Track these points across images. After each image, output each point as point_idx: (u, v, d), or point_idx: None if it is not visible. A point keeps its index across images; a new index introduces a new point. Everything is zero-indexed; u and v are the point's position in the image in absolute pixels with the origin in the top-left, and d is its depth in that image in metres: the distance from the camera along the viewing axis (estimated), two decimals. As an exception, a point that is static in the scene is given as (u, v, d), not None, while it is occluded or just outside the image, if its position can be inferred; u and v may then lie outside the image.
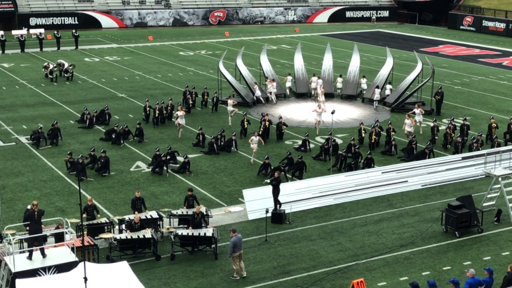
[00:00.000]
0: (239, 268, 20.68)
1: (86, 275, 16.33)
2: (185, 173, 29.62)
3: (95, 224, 22.63)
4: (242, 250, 20.86)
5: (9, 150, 32.96)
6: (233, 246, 20.46)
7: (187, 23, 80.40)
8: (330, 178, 27.77)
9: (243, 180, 29.05)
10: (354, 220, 25.19)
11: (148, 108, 37.54)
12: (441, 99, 39.65)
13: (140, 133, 34.08)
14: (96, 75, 50.78)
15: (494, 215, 25.22)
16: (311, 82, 44.31)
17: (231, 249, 20.45)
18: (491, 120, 34.59)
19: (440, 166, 29.50)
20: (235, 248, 20.47)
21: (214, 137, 32.51)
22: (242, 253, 20.78)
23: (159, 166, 29.59)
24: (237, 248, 20.50)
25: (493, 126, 34.20)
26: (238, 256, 20.60)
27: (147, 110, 37.46)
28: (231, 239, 20.60)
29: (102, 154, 29.67)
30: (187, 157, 30.10)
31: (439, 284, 18.54)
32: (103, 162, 29.44)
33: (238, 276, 20.62)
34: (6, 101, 42.55)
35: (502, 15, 76.81)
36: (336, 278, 20.66)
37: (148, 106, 37.62)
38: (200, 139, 33.33)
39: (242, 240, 21.26)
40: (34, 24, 72.03)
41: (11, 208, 25.66)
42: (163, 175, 29.43)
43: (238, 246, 20.54)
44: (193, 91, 40.78)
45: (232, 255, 20.49)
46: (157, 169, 29.66)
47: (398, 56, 58.07)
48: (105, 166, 29.45)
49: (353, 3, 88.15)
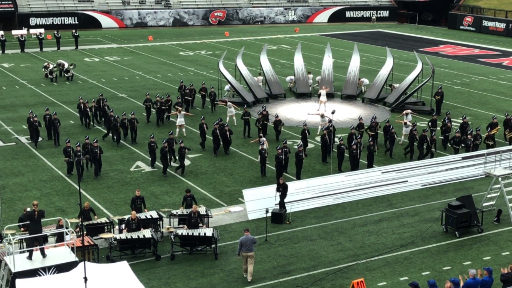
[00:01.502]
0: (246, 272, 20.55)
1: (86, 275, 16.33)
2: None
3: (95, 224, 22.63)
4: (253, 253, 20.53)
5: (9, 150, 32.97)
6: (241, 245, 20.45)
7: (187, 23, 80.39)
8: (330, 178, 27.77)
9: (243, 180, 29.05)
10: (354, 220, 25.19)
11: (147, 103, 37.45)
12: (441, 99, 39.63)
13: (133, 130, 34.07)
14: (96, 75, 50.79)
15: (494, 215, 25.23)
16: (309, 78, 44.76)
17: (239, 248, 20.52)
18: (494, 120, 34.20)
19: (440, 166, 29.51)
20: (243, 247, 20.39)
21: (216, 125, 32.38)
22: (252, 256, 20.46)
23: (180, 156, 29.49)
24: (245, 248, 20.36)
25: (495, 129, 33.35)
26: (246, 257, 20.45)
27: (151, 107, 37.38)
28: (240, 238, 20.66)
29: (94, 144, 29.39)
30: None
31: (439, 284, 18.54)
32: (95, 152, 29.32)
33: (245, 275, 20.56)
34: (6, 101, 42.56)
35: (502, 15, 76.80)
36: (336, 278, 20.67)
37: (148, 101, 37.52)
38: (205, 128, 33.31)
39: (256, 243, 20.93)
40: (34, 24, 72.01)
41: (11, 208, 25.67)
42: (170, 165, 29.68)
43: (246, 246, 20.38)
44: (191, 88, 40.74)
45: (241, 254, 20.49)
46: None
47: (398, 56, 58.07)
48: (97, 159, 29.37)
49: (353, 3, 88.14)
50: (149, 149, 30.31)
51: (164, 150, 29.28)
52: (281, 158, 28.28)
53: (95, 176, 29.17)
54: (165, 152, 29.35)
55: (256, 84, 43.63)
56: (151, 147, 30.18)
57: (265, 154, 29.53)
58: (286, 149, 28.96)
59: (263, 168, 29.66)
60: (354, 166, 29.70)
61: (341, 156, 30.29)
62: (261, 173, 29.61)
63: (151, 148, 30.18)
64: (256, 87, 43.09)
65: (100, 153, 29.33)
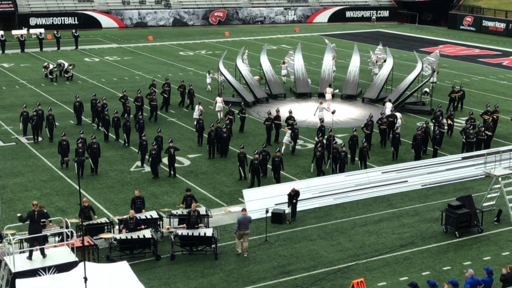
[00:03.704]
0: (242, 248, 22.00)
1: (86, 275, 16.34)
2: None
3: (95, 224, 22.63)
4: (249, 231, 21.99)
5: (9, 150, 32.97)
6: (238, 224, 21.71)
7: (187, 23, 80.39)
8: (330, 178, 27.78)
9: (243, 180, 29.02)
10: (354, 220, 25.19)
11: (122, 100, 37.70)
12: (463, 96, 40.72)
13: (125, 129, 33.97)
14: (96, 75, 50.79)
15: (494, 215, 25.23)
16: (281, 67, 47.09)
17: (236, 227, 21.82)
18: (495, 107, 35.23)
19: (440, 166, 29.51)
20: (240, 226, 21.68)
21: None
22: (248, 233, 21.93)
23: (170, 156, 29.14)
24: (242, 226, 21.68)
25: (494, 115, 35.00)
26: (242, 235, 21.80)
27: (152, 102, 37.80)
28: (237, 217, 22.00)
29: (93, 140, 29.55)
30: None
31: (439, 284, 18.54)
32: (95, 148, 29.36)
33: (239, 251, 22.02)
34: (6, 101, 42.56)
35: (502, 15, 76.81)
36: (336, 278, 20.67)
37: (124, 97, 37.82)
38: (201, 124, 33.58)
39: (251, 221, 22.32)
40: (34, 24, 72.00)
41: (11, 208, 25.66)
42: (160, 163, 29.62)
43: (243, 224, 21.70)
44: (190, 88, 40.96)
45: (238, 232, 21.75)
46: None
47: (398, 56, 58.07)
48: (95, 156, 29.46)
49: (353, 3, 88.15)
50: (140, 147, 30.24)
51: (153, 152, 28.90)
52: (255, 163, 27.47)
53: (91, 173, 29.29)
54: (154, 156, 28.96)
55: (256, 84, 43.64)
56: (142, 146, 30.14)
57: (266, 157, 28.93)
58: (265, 153, 28.64)
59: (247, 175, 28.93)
60: (319, 168, 29.02)
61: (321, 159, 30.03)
62: (241, 177, 28.97)
63: (143, 146, 30.15)
64: (256, 87, 43.10)
65: (98, 148, 29.54)
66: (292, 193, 24.95)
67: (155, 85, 41.29)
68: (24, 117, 34.93)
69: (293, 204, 25.02)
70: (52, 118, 34.22)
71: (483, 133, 32.41)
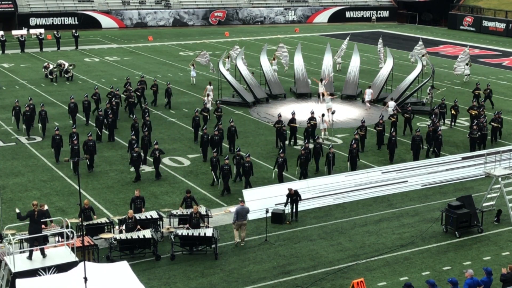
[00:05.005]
0: (239, 237, 22.78)
1: (86, 275, 16.34)
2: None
3: (95, 224, 22.63)
4: (246, 222, 22.89)
5: (9, 150, 32.97)
6: (236, 214, 22.54)
7: (187, 23, 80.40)
8: (330, 178, 27.79)
9: (243, 180, 28.99)
10: (354, 220, 25.20)
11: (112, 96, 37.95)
12: (490, 93, 41.74)
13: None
14: (96, 75, 50.78)
15: (494, 215, 25.23)
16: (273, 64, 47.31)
17: (234, 217, 22.66)
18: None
19: (440, 166, 29.52)
20: (238, 216, 22.52)
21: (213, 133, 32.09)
22: (245, 224, 22.82)
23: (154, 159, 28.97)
24: (240, 217, 22.52)
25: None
26: (240, 226, 22.64)
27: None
28: (236, 207, 22.84)
29: (89, 137, 29.68)
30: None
31: (439, 284, 18.54)
32: (91, 145, 29.44)
33: (237, 240, 22.78)
34: (6, 101, 42.54)
35: (502, 15, 76.81)
36: (336, 278, 20.67)
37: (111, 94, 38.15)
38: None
39: (249, 212, 23.19)
40: (34, 24, 72.02)
41: (11, 208, 25.63)
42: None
43: (241, 215, 22.55)
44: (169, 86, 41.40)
45: (236, 222, 22.57)
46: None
47: (398, 56, 58.05)
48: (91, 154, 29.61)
49: (353, 3, 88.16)
50: (129, 146, 30.12)
51: (134, 155, 28.64)
52: (226, 168, 27.06)
53: (88, 169, 29.58)
54: (135, 158, 28.66)
55: (256, 84, 43.64)
56: (131, 145, 29.96)
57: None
58: (239, 158, 28.05)
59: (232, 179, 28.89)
60: (303, 172, 28.55)
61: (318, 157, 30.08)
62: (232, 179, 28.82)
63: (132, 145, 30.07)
64: (256, 87, 43.10)
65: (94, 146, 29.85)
66: (292, 193, 24.95)
67: (130, 83, 41.38)
68: (16, 111, 36.07)
69: (295, 203, 25.02)
70: (45, 113, 34.90)
71: (485, 128, 33.10)
